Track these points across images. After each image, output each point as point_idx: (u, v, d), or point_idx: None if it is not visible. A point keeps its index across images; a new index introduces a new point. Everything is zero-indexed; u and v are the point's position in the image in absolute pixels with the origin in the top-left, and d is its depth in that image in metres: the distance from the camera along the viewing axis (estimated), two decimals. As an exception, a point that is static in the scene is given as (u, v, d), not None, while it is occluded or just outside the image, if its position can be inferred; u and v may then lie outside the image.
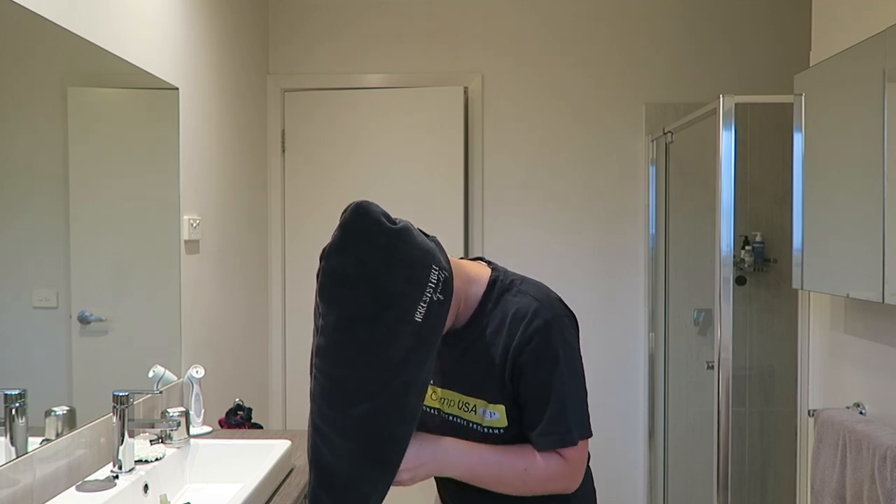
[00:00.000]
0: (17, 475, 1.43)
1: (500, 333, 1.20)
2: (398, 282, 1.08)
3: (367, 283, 1.07)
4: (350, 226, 1.09)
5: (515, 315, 1.19)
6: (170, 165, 2.22)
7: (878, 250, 1.79)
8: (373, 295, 1.07)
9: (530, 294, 1.22)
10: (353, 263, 1.07)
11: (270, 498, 1.68)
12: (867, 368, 2.07)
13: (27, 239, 1.54)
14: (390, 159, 3.24)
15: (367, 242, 1.08)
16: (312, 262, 3.77)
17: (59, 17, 1.62)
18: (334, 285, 1.09)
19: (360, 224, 1.09)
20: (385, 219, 1.10)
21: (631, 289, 3.27)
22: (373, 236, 1.09)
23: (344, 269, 1.08)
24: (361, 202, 1.10)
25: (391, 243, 1.09)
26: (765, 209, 3.16)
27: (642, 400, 3.27)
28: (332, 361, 1.10)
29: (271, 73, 3.28)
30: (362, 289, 1.07)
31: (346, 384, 1.10)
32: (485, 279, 1.25)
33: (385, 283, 1.08)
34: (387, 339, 1.09)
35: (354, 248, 1.08)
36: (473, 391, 1.23)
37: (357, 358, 1.09)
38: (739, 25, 3.25)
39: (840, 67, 2.00)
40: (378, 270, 1.08)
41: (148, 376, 1.97)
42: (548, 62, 3.27)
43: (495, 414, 1.21)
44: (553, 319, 1.19)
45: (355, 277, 1.07)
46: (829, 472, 2.05)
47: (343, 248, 1.08)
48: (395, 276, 1.08)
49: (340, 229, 1.09)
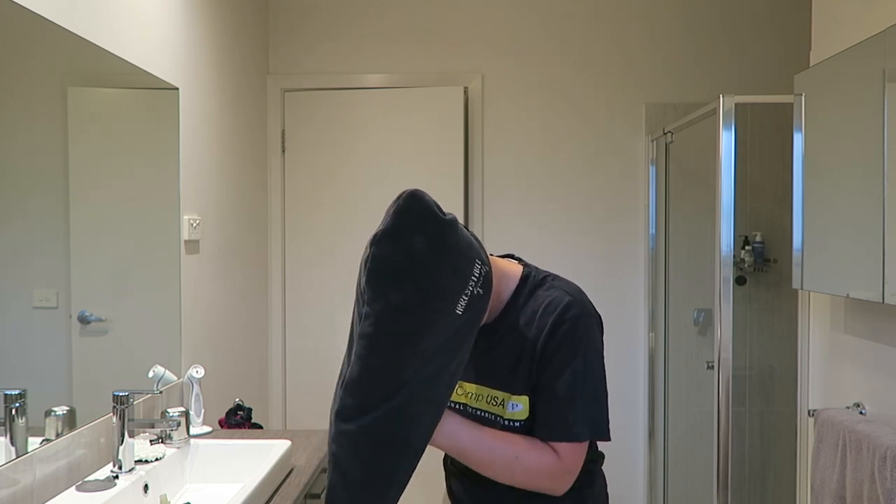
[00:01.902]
0: (17, 475, 1.43)
1: (531, 325, 1.20)
2: (445, 273, 1.08)
3: (416, 272, 1.07)
4: (403, 213, 1.08)
5: (547, 307, 1.20)
6: (170, 165, 2.22)
7: (878, 250, 1.79)
8: (420, 285, 1.07)
9: (563, 289, 1.23)
10: (404, 251, 1.07)
11: (270, 498, 1.68)
12: (867, 368, 2.07)
13: (27, 239, 1.54)
14: (390, 159, 3.24)
15: (419, 231, 1.07)
16: (312, 262, 3.78)
17: (59, 17, 1.62)
18: (383, 272, 1.08)
19: (413, 211, 1.08)
20: (437, 209, 1.10)
21: (631, 289, 3.27)
22: (425, 225, 1.08)
23: (394, 257, 1.07)
24: (415, 190, 1.10)
25: (442, 233, 1.09)
26: (765, 209, 3.16)
27: (642, 400, 3.27)
28: (370, 349, 1.09)
29: (271, 73, 3.28)
30: (411, 278, 1.07)
31: (379, 373, 1.10)
32: (517, 275, 1.26)
33: (433, 274, 1.07)
34: (427, 329, 1.08)
35: (407, 235, 1.07)
36: (502, 385, 1.23)
37: (395, 347, 1.09)
38: (739, 25, 3.25)
39: (840, 67, 2.00)
40: (427, 260, 1.07)
41: (148, 376, 1.97)
42: (548, 62, 3.27)
43: (518, 405, 1.21)
44: (582, 316, 1.20)
45: (405, 266, 1.07)
46: (829, 472, 2.05)
47: (396, 235, 1.07)
48: (443, 267, 1.08)
49: (394, 216, 1.08)
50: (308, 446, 2.08)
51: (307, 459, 1.97)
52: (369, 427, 1.10)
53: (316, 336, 3.30)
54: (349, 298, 3.62)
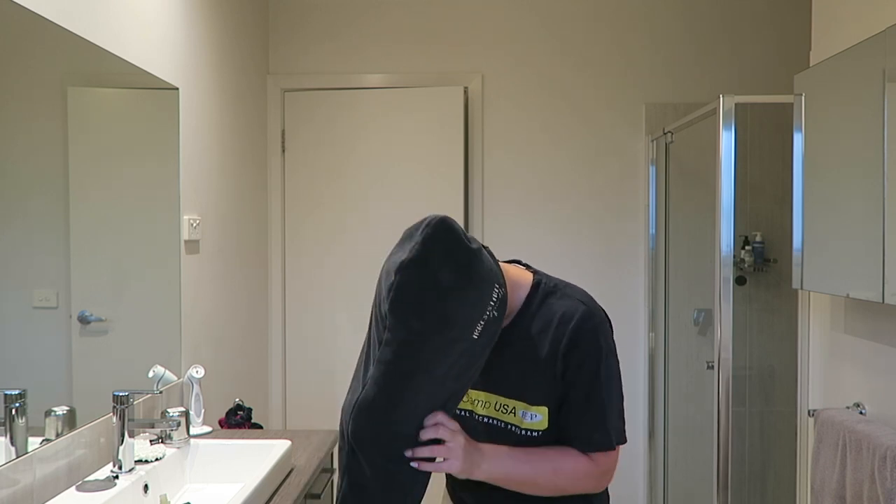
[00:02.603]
0: (17, 475, 1.43)
1: (547, 334, 1.20)
2: (468, 303, 1.08)
3: (441, 303, 1.06)
4: (432, 241, 1.06)
5: (563, 317, 1.20)
6: (170, 165, 2.22)
7: (878, 250, 1.79)
8: (443, 315, 1.07)
9: (576, 297, 1.23)
10: (431, 282, 1.05)
11: (270, 498, 1.68)
12: (867, 368, 2.07)
13: (27, 239, 1.54)
14: (390, 159, 3.24)
15: (447, 261, 1.06)
16: (312, 262, 3.77)
17: (59, 17, 1.62)
18: (408, 302, 1.06)
19: (443, 241, 1.07)
20: (465, 238, 1.09)
21: (631, 289, 3.27)
22: (454, 256, 1.07)
23: (420, 287, 1.05)
24: (444, 218, 1.09)
25: (469, 264, 1.08)
26: (765, 209, 3.16)
27: (642, 400, 3.27)
28: (388, 375, 1.09)
29: (271, 73, 3.28)
30: (434, 309, 1.06)
31: (395, 397, 1.10)
32: (528, 283, 1.25)
33: (457, 305, 1.07)
34: (445, 356, 1.09)
35: (434, 265, 1.06)
36: (513, 393, 1.23)
37: (414, 374, 1.09)
38: (739, 25, 3.25)
39: (840, 67, 2.00)
40: (453, 290, 1.06)
41: (148, 376, 1.97)
42: (548, 62, 3.26)
43: (537, 416, 1.21)
44: (599, 324, 1.22)
45: (430, 297, 1.06)
46: (829, 472, 2.05)
47: (423, 264, 1.06)
48: (467, 297, 1.08)
49: (422, 244, 1.06)
50: (308, 446, 2.08)
51: (307, 459, 1.97)
52: (383, 449, 1.12)
53: (316, 336, 3.30)
54: (349, 298, 3.63)
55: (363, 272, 3.24)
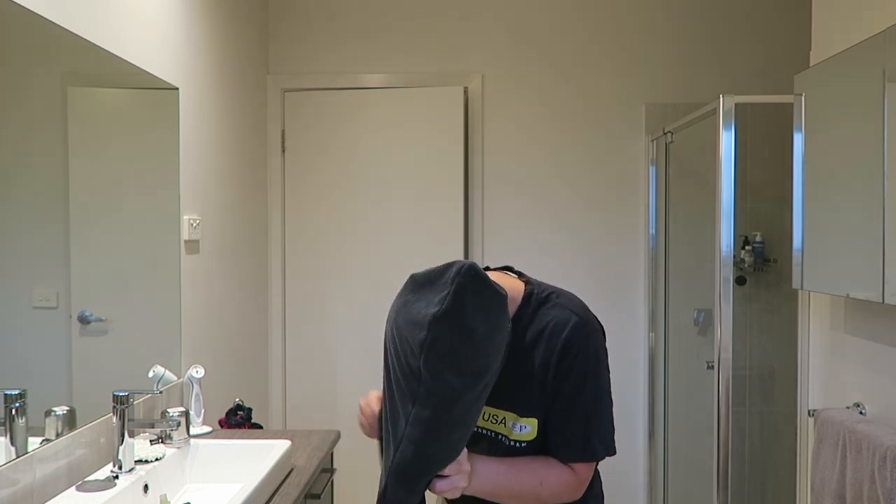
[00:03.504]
0: (17, 475, 1.43)
1: (539, 345, 1.19)
2: (498, 347, 1.07)
3: (476, 354, 1.04)
4: (464, 291, 1.02)
5: (555, 328, 1.19)
6: (170, 165, 2.22)
7: (878, 250, 1.79)
8: (480, 365, 1.05)
9: (568, 308, 1.22)
10: (466, 333, 1.03)
11: (270, 498, 1.68)
12: (867, 368, 2.07)
13: (27, 239, 1.54)
14: (390, 159, 3.24)
15: (479, 310, 1.04)
16: (312, 262, 3.76)
17: (59, 17, 1.62)
18: (444, 355, 1.03)
19: (473, 289, 1.04)
20: (492, 282, 1.07)
21: (631, 289, 3.27)
22: (485, 303, 1.04)
23: (457, 340, 1.02)
24: (473, 265, 1.05)
25: (499, 312, 1.06)
26: (765, 209, 3.16)
27: (642, 400, 3.27)
28: (428, 434, 1.07)
29: (271, 73, 3.28)
30: (471, 360, 1.04)
31: (433, 455, 1.09)
32: (520, 293, 1.23)
33: (489, 351, 1.06)
34: (477, 402, 1.09)
35: (469, 316, 1.03)
36: (504, 403, 1.22)
37: (451, 427, 1.08)
38: (739, 25, 3.25)
39: (840, 67, 2.00)
40: (485, 339, 1.04)
41: (148, 376, 1.97)
42: (548, 62, 3.27)
43: (526, 427, 1.21)
44: (591, 335, 1.20)
45: (466, 349, 1.03)
46: (829, 472, 2.05)
47: (458, 317, 1.02)
48: (497, 341, 1.07)
49: (454, 295, 1.01)
50: (308, 446, 2.08)
51: (307, 459, 1.97)
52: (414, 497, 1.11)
53: (316, 336, 3.30)
54: (349, 298, 3.63)
55: (363, 271, 3.24)
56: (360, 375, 3.22)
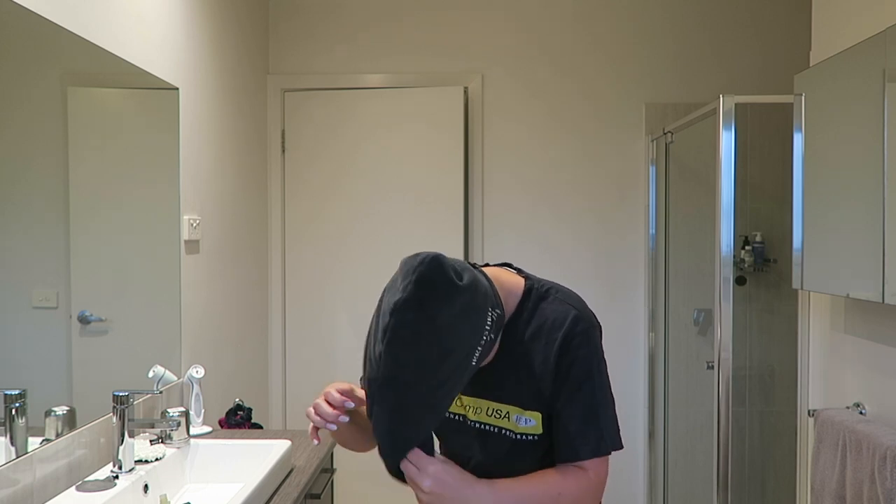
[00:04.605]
0: (17, 475, 1.43)
1: (539, 340, 1.20)
2: (464, 335, 1.08)
3: (436, 340, 1.05)
4: (424, 282, 1.05)
5: (554, 322, 1.20)
6: (170, 165, 2.22)
7: (878, 250, 1.79)
8: (439, 351, 1.06)
9: (568, 302, 1.23)
10: (425, 321, 1.05)
11: (270, 498, 1.68)
12: (867, 368, 2.07)
13: (27, 239, 1.54)
14: (390, 159, 3.24)
15: (440, 300, 1.05)
16: (312, 262, 3.75)
17: (59, 17, 1.62)
18: (404, 344, 1.05)
19: (435, 281, 1.06)
20: (455, 274, 1.08)
21: (631, 289, 3.27)
22: (447, 294, 1.06)
23: (416, 327, 1.05)
24: (436, 257, 1.07)
25: (463, 300, 1.07)
26: (765, 209, 3.16)
27: (642, 400, 3.27)
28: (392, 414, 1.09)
29: (271, 73, 3.28)
30: (431, 346, 1.05)
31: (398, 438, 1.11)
32: (520, 289, 1.24)
33: (452, 339, 1.07)
34: (444, 386, 1.09)
35: (428, 305, 1.05)
36: (507, 398, 1.23)
37: (417, 410, 1.09)
38: (739, 25, 3.25)
39: (840, 67, 2.00)
40: (448, 327, 1.06)
41: (148, 376, 1.97)
42: (548, 62, 3.27)
43: (531, 421, 1.21)
44: (590, 329, 1.21)
45: (425, 336, 1.05)
46: (829, 472, 2.05)
47: (417, 306, 1.04)
48: (462, 330, 1.07)
49: (414, 285, 1.05)
50: (308, 446, 2.08)
51: (307, 459, 1.97)
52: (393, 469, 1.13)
53: (316, 336, 3.30)
54: (349, 298, 3.63)
55: (363, 272, 3.24)
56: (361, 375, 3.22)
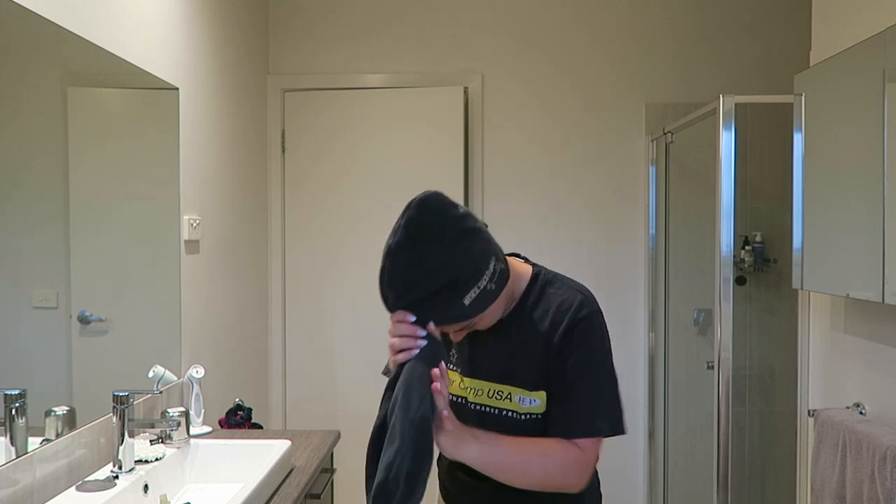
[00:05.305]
0: (17, 475, 1.43)
1: (544, 322, 1.23)
2: (458, 266, 1.11)
3: (429, 275, 1.10)
4: (415, 224, 1.10)
5: (561, 305, 1.23)
6: (170, 165, 2.22)
7: (878, 250, 1.79)
8: (434, 284, 1.10)
9: (575, 288, 1.27)
10: (418, 261, 1.09)
11: (270, 498, 1.68)
12: (867, 368, 2.07)
13: (27, 239, 1.54)
14: (390, 159, 3.24)
15: (432, 240, 1.10)
16: (312, 262, 3.76)
17: (59, 17, 1.62)
18: (400, 286, 1.10)
19: (425, 221, 1.11)
20: (449, 211, 1.13)
21: (631, 289, 3.27)
22: (438, 231, 1.11)
23: (409, 268, 1.10)
24: (426, 196, 1.12)
25: (455, 235, 1.12)
26: (765, 209, 3.16)
27: (642, 400, 3.27)
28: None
29: (271, 73, 3.28)
30: (423, 282, 1.10)
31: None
32: (527, 274, 1.29)
33: (446, 272, 1.10)
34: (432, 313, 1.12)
35: (420, 246, 1.10)
36: (508, 379, 1.24)
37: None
38: (739, 25, 3.25)
39: (840, 67, 2.00)
40: (441, 263, 1.10)
41: (148, 376, 1.97)
42: (548, 62, 3.26)
43: (535, 401, 1.22)
44: (595, 313, 1.24)
45: (419, 273, 1.10)
46: (829, 472, 2.05)
47: (410, 248, 1.09)
48: (455, 261, 1.11)
49: (405, 227, 1.10)
50: (308, 446, 2.08)
51: (307, 459, 1.97)
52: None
53: (316, 336, 3.30)
54: (349, 298, 3.63)
55: (363, 272, 3.24)
56: (360, 375, 3.22)
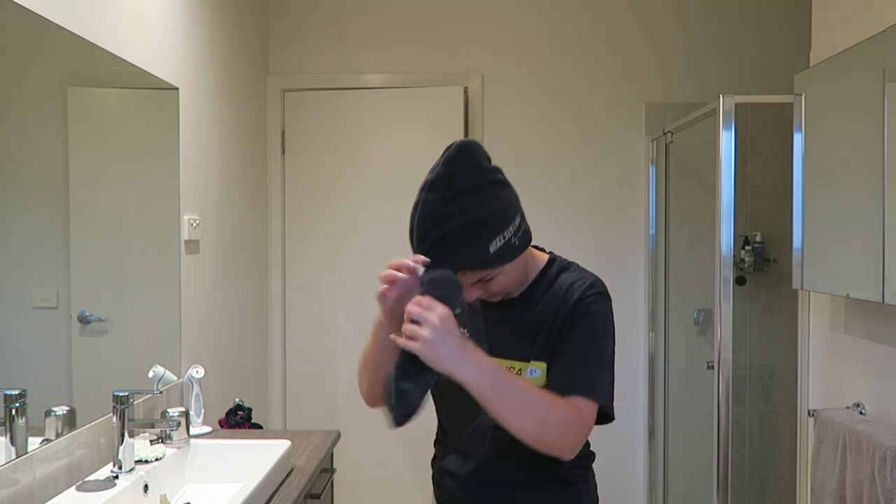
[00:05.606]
0: (17, 475, 1.43)
1: (556, 299, 1.27)
2: (487, 210, 1.17)
3: (461, 212, 1.15)
4: (454, 162, 1.17)
5: (573, 284, 1.28)
6: (170, 165, 2.22)
7: (878, 250, 1.79)
8: (464, 222, 1.15)
9: (588, 272, 1.33)
10: (452, 196, 1.15)
11: (270, 498, 1.69)
12: (867, 368, 2.07)
13: (27, 239, 1.54)
14: (390, 159, 3.24)
15: (467, 179, 1.17)
16: (312, 262, 3.75)
17: (59, 17, 1.62)
18: (432, 220, 1.16)
19: (464, 161, 1.18)
20: (485, 161, 1.21)
21: (631, 288, 3.27)
22: (474, 173, 1.18)
23: (442, 202, 1.16)
24: (466, 141, 1.21)
25: (488, 182, 1.19)
26: (765, 209, 3.16)
27: (642, 400, 3.27)
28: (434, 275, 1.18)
29: (271, 73, 3.28)
30: (454, 217, 1.15)
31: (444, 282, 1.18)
32: (544, 257, 1.36)
33: (476, 211, 1.16)
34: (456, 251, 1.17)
35: (456, 183, 1.16)
36: (518, 355, 1.26)
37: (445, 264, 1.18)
38: (739, 25, 3.25)
39: (840, 67, 2.00)
40: (473, 202, 1.16)
41: (148, 376, 1.97)
42: (548, 62, 3.26)
43: (536, 371, 1.25)
44: (605, 296, 1.30)
45: (451, 209, 1.15)
46: (829, 472, 2.05)
47: (446, 184, 1.16)
48: (486, 205, 1.17)
49: (444, 164, 1.17)
50: (308, 446, 2.08)
51: (307, 459, 1.97)
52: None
53: (316, 336, 3.30)
54: (349, 298, 3.63)
55: (363, 271, 3.24)
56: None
